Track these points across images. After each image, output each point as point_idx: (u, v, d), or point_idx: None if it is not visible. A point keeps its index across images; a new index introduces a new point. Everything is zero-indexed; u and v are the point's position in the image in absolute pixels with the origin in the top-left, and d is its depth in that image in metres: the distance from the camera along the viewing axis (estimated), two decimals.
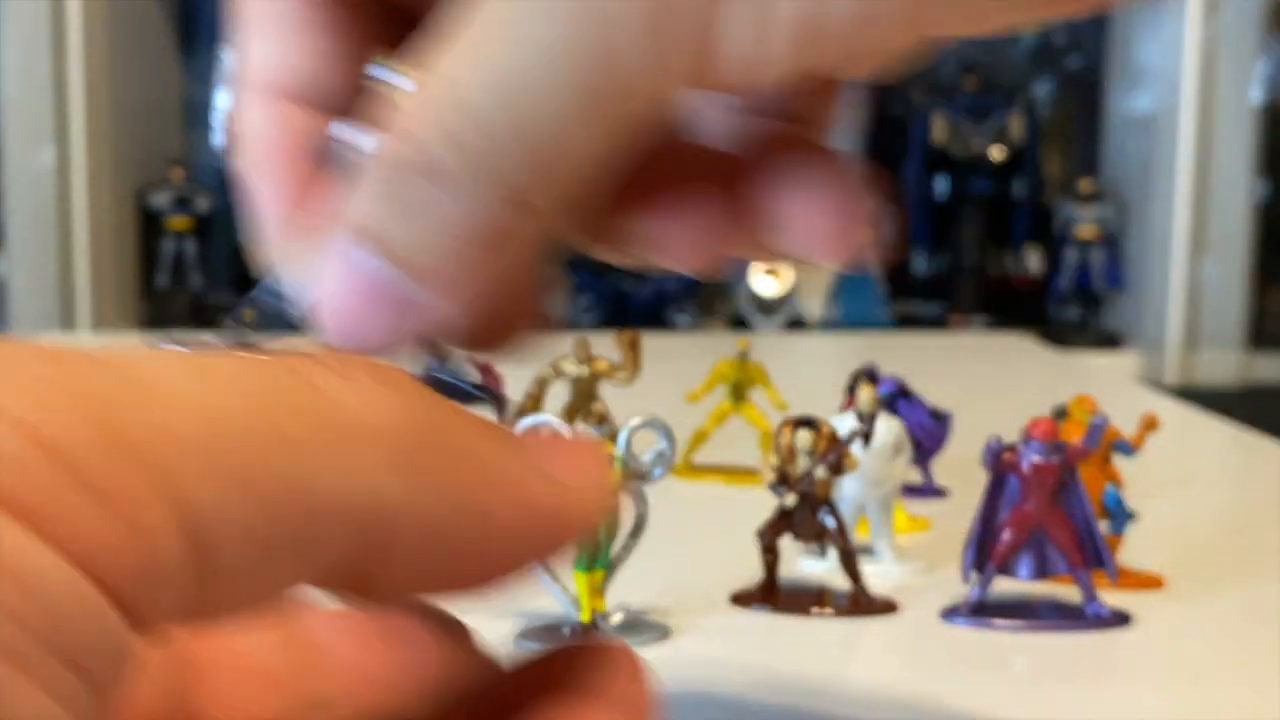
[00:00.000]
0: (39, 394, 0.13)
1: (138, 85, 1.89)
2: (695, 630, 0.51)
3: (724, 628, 0.52)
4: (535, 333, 0.23)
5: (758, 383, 0.78)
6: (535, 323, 0.23)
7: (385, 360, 0.17)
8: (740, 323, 1.82)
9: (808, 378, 1.20)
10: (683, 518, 0.67)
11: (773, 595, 0.54)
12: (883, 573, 0.58)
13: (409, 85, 0.18)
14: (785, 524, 0.54)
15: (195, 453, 0.13)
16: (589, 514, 0.18)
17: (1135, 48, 1.93)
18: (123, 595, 0.13)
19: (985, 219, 1.93)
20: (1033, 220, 1.94)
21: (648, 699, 0.19)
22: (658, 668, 0.21)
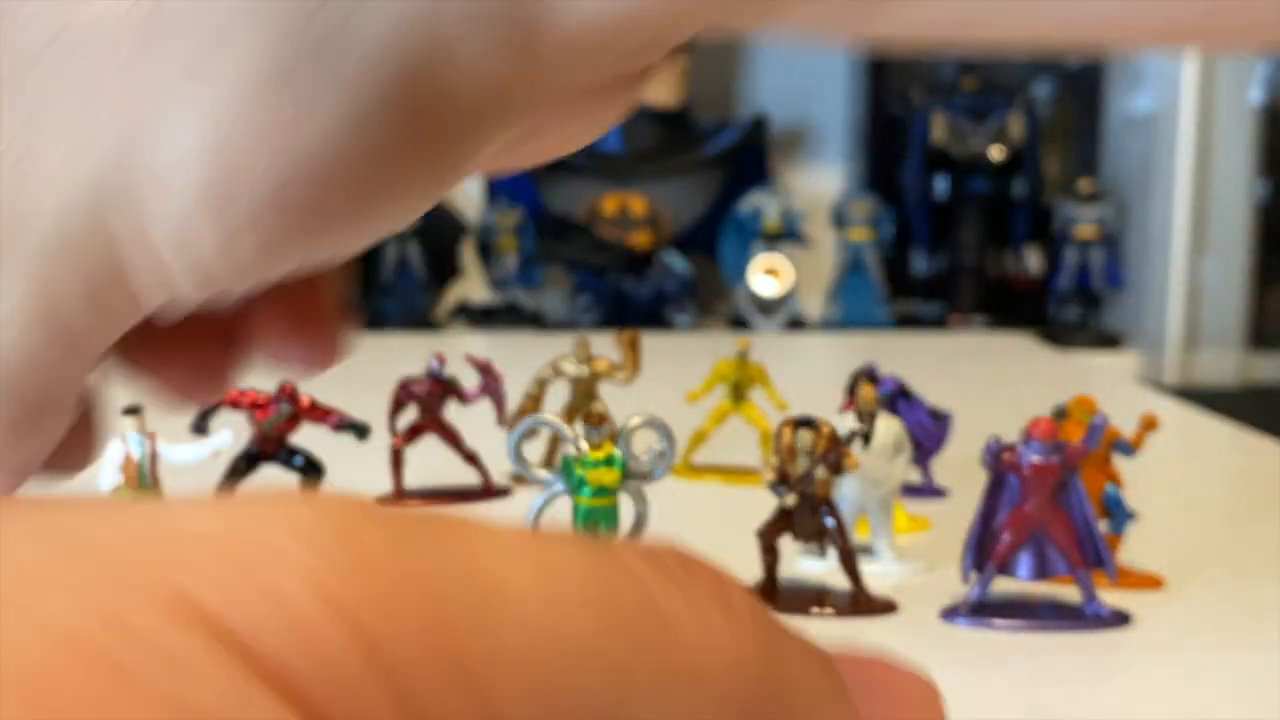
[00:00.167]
0: (375, 586, 0.11)
1: None
2: None
3: None
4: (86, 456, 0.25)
5: (758, 383, 0.78)
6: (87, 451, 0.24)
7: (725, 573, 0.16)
8: (740, 323, 1.82)
9: (808, 378, 1.20)
10: (683, 518, 0.67)
11: (773, 595, 0.54)
12: (883, 573, 0.58)
13: None
14: (785, 524, 0.54)
15: (525, 683, 0.12)
16: None
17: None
18: None
19: (985, 219, 1.93)
20: (1033, 220, 1.94)
21: None
22: None
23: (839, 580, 0.55)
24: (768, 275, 1.79)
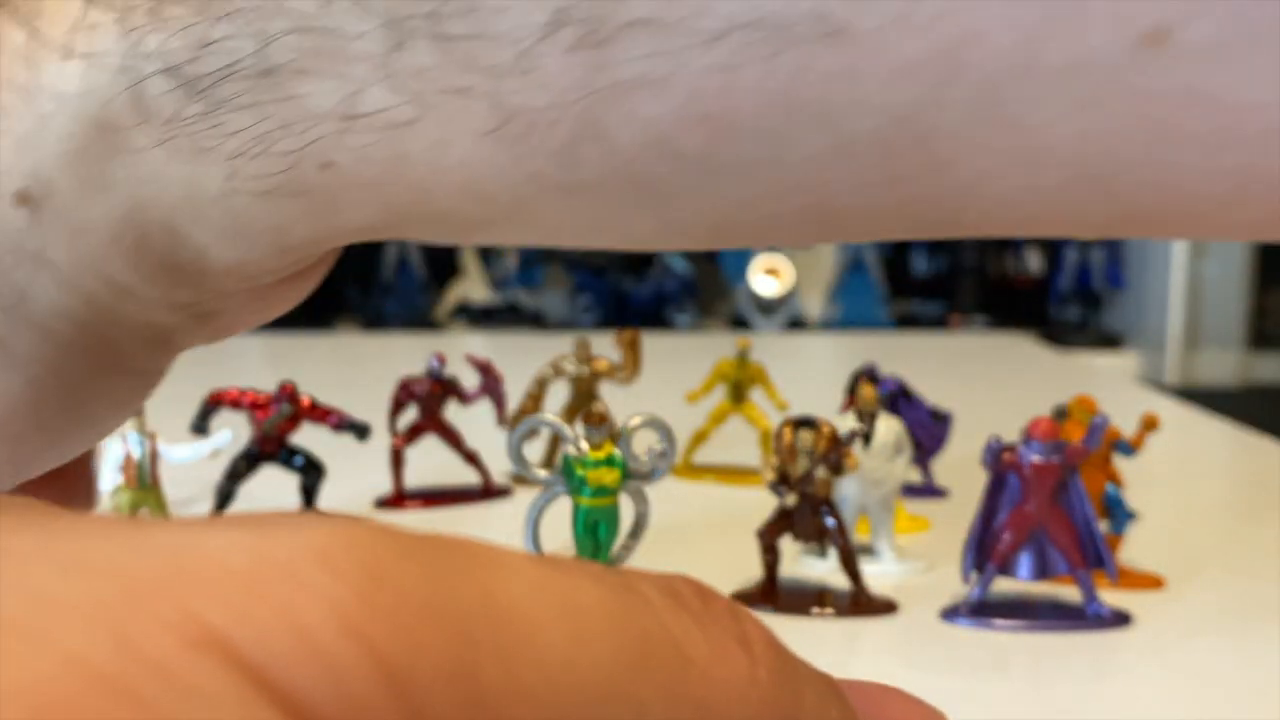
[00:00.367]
0: (399, 618, 0.11)
1: None
2: None
3: None
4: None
5: (758, 383, 0.78)
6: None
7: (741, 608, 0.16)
8: (740, 323, 1.82)
9: (808, 378, 1.20)
10: (683, 518, 0.67)
11: (773, 595, 0.54)
12: (883, 573, 0.58)
13: None
14: (785, 524, 0.54)
15: (543, 716, 0.12)
16: None
17: None
18: None
19: None
20: None
21: None
22: None
23: (839, 580, 0.55)
24: (768, 275, 1.79)
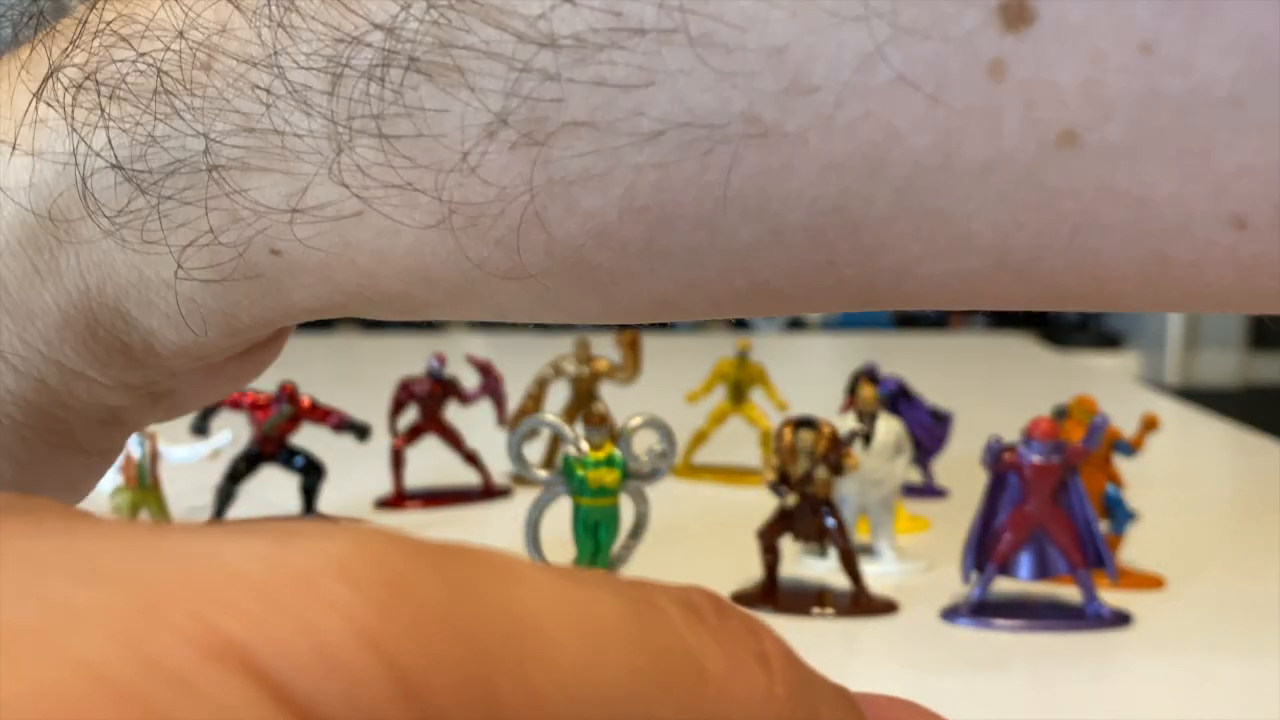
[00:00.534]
0: (417, 630, 0.11)
1: None
2: None
3: None
4: None
5: (758, 383, 0.78)
6: None
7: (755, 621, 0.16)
8: (740, 323, 1.82)
9: (808, 378, 1.20)
10: (683, 518, 0.67)
11: (773, 595, 0.54)
12: (883, 572, 0.58)
13: None
14: (785, 524, 0.54)
15: None
16: None
17: None
18: None
19: None
20: None
21: None
22: None
23: (839, 580, 0.55)
24: None
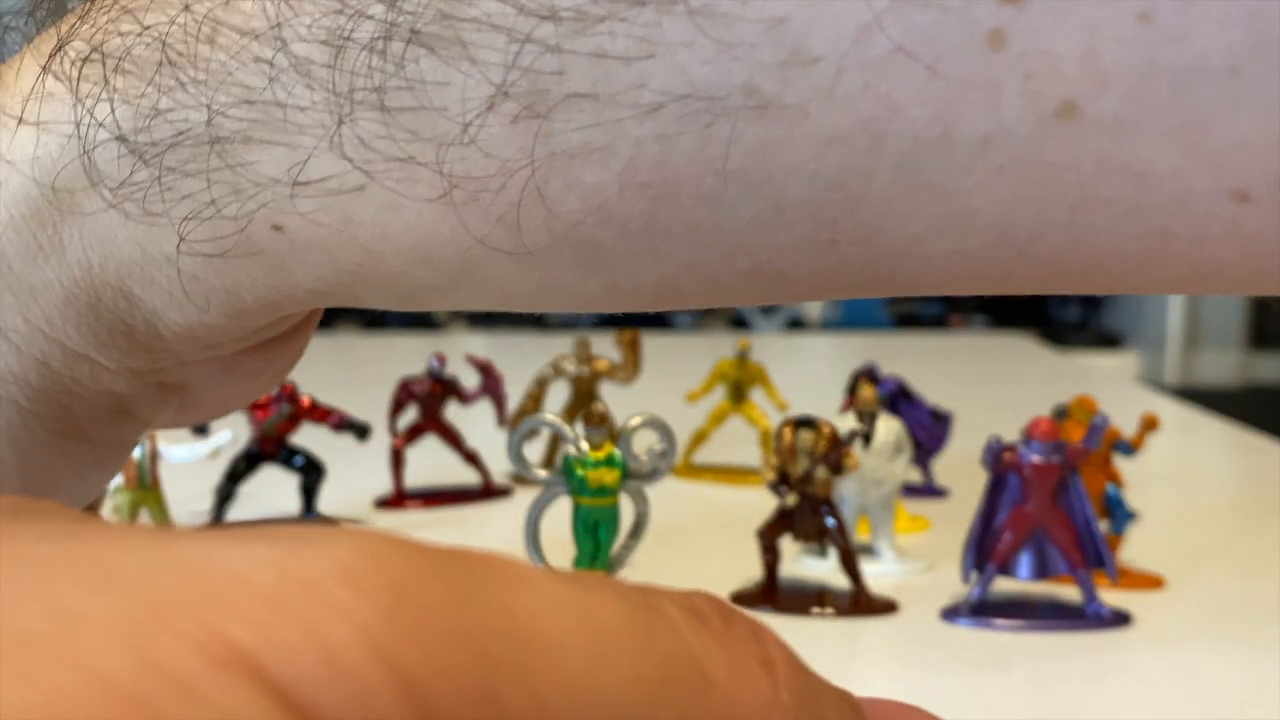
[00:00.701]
0: (423, 636, 0.11)
1: None
2: None
3: None
4: None
5: (758, 383, 0.78)
6: None
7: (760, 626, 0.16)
8: (740, 323, 1.82)
9: (808, 378, 1.20)
10: (683, 518, 0.67)
11: (773, 595, 0.54)
12: (883, 572, 0.58)
13: None
14: (785, 524, 0.54)
15: None
16: None
17: None
18: None
19: None
20: None
21: None
22: None
23: (839, 580, 0.55)
24: None
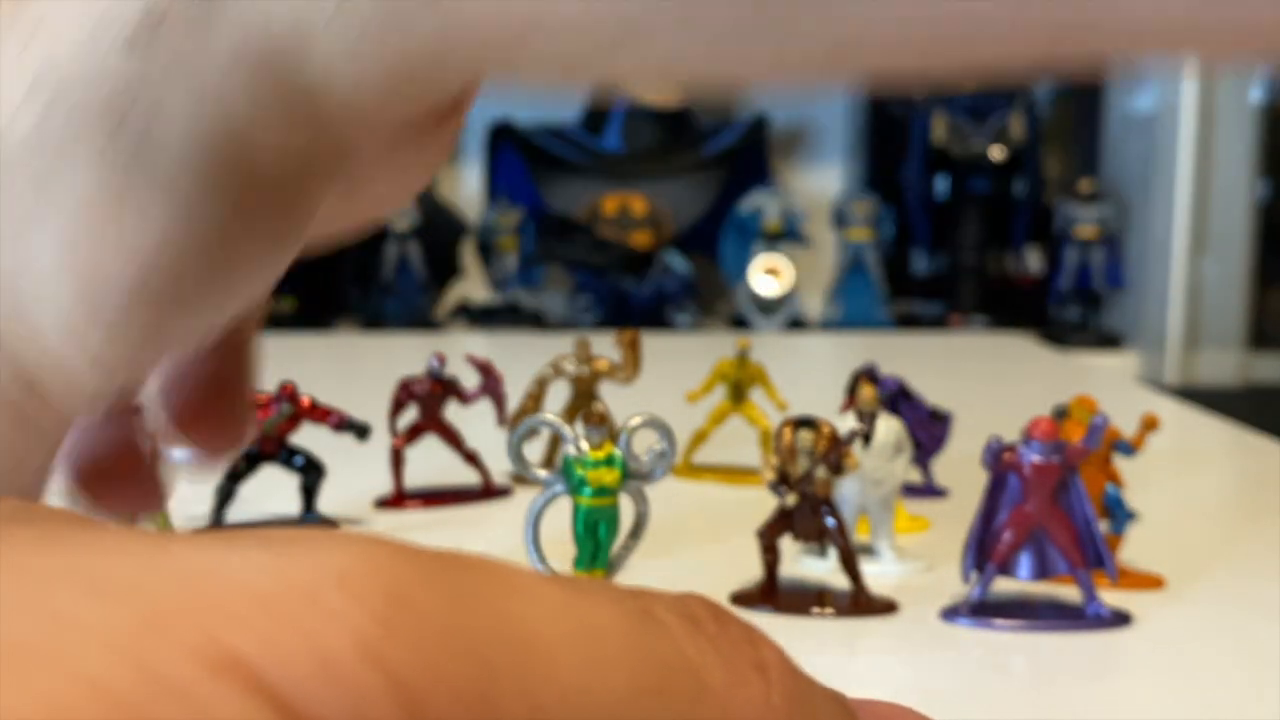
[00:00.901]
0: (420, 644, 0.11)
1: None
2: None
3: None
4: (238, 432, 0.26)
5: (758, 383, 0.78)
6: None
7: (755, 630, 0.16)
8: (740, 323, 1.82)
9: (808, 378, 1.20)
10: (683, 518, 0.67)
11: (773, 595, 0.54)
12: (883, 573, 0.58)
13: None
14: (785, 524, 0.54)
15: None
16: None
17: None
18: None
19: (985, 219, 1.93)
20: (1033, 220, 1.94)
21: None
22: None
23: (839, 580, 0.55)
24: (768, 275, 1.79)
